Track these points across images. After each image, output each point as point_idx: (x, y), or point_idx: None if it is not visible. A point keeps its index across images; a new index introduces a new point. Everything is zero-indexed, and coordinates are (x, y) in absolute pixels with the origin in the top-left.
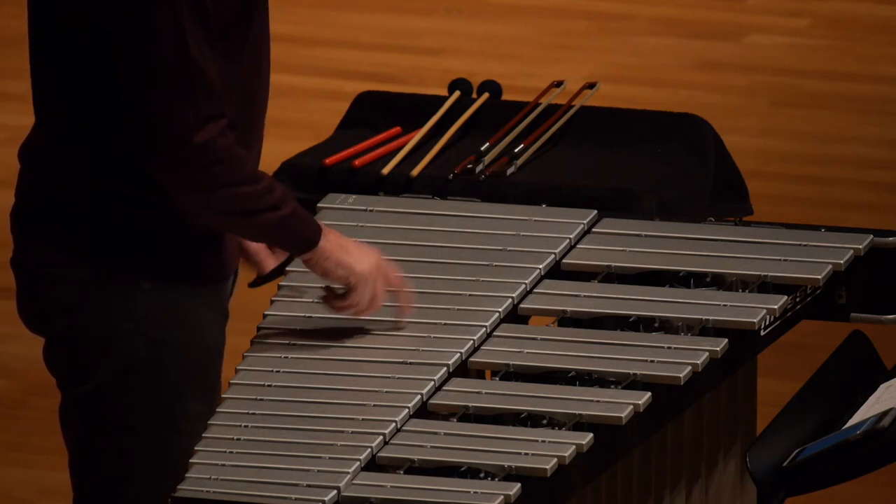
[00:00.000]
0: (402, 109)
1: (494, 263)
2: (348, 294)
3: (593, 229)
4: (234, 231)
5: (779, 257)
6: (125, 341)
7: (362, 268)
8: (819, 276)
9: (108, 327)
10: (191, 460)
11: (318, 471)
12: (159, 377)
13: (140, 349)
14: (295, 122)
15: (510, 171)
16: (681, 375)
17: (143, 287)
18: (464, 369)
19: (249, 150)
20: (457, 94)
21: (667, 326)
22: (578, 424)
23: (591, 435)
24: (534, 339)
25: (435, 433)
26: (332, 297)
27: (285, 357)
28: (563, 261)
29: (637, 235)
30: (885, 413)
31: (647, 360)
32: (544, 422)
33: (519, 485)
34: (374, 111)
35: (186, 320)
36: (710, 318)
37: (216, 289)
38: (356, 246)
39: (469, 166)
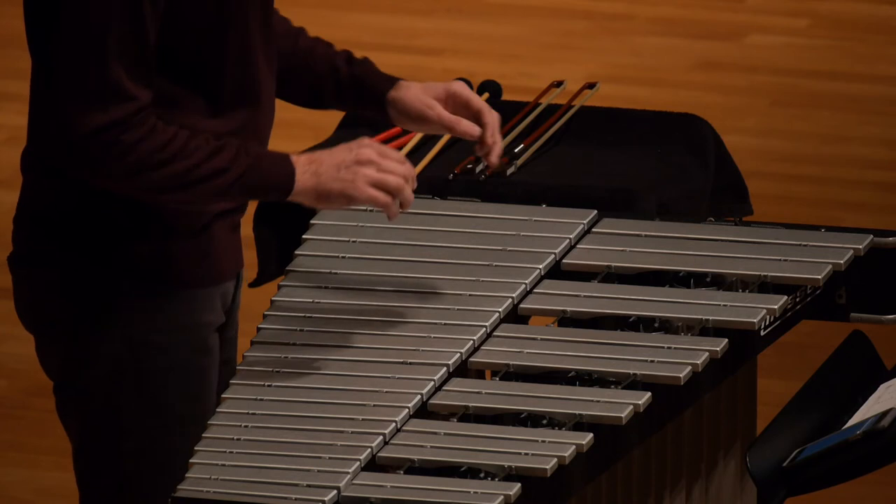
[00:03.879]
0: None
1: (494, 263)
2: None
3: (593, 229)
4: (185, 204)
5: (779, 257)
6: (110, 343)
7: (355, 179)
8: (819, 276)
9: (94, 329)
10: (191, 460)
11: (318, 471)
12: (145, 379)
13: (124, 351)
14: (295, 122)
15: (510, 171)
16: (681, 375)
17: (129, 289)
18: (464, 369)
19: None
20: None
21: (667, 326)
22: (578, 424)
23: (591, 435)
24: (534, 339)
25: (435, 433)
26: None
27: (285, 357)
28: (563, 261)
29: (637, 235)
30: (885, 413)
31: (647, 360)
32: (544, 422)
33: (519, 485)
34: None
35: (173, 323)
36: (710, 318)
37: (207, 292)
38: (335, 166)
39: (469, 166)
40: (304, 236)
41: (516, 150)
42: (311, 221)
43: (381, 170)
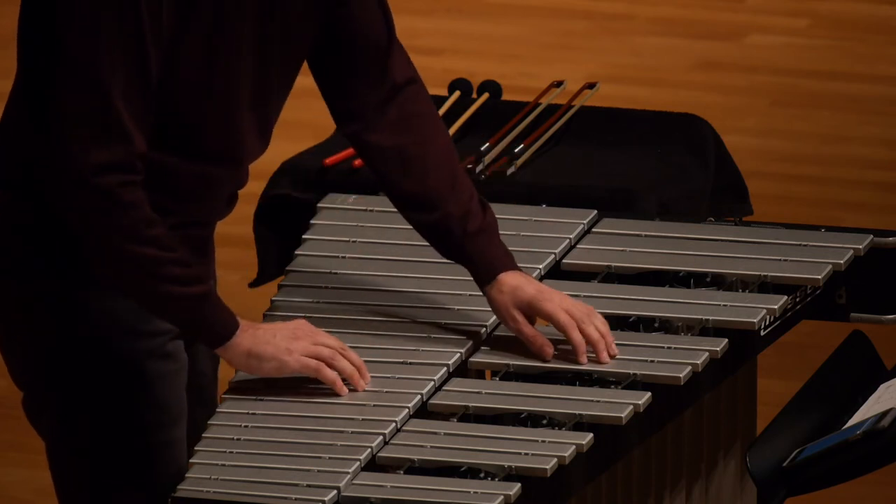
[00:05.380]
0: None
1: None
2: (318, 375)
3: (593, 229)
4: (133, 293)
5: (779, 257)
6: (66, 351)
7: (290, 346)
8: (819, 276)
9: (49, 337)
10: (191, 460)
11: (318, 471)
12: (103, 386)
13: (81, 359)
14: (295, 122)
15: (510, 171)
16: (681, 375)
17: (83, 296)
18: (464, 369)
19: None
20: (457, 94)
21: (667, 326)
22: (578, 424)
23: (591, 435)
24: None
25: (435, 433)
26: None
27: None
28: (563, 261)
29: (637, 235)
30: (885, 413)
31: (647, 360)
32: (544, 422)
33: (519, 485)
34: None
35: (128, 330)
36: (710, 318)
37: None
38: (271, 332)
39: (469, 166)
40: (304, 236)
41: (516, 150)
42: (311, 221)
43: (315, 342)
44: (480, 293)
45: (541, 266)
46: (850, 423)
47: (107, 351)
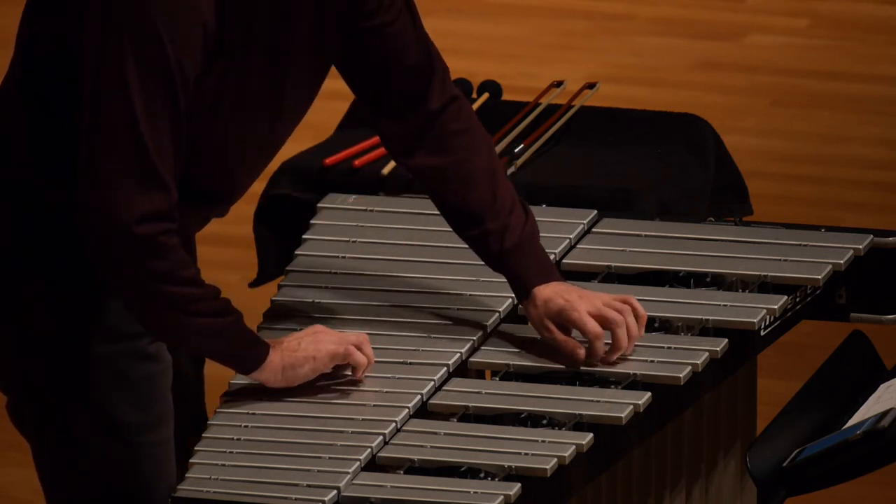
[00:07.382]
0: None
1: None
2: (351, 363)
3: (593, 229)
4: (168, 331)
5: (779, 257)
6: (50, 353)
7: (317, 347)
8: (819, 276)
9: (33, 339)
10: (191, 460)
11: (318, 471)
12: (89, 389)
13: (65, 361)
14: None
15: (510, 171)
16: (681, 375)
17: (66, 298)
18: (464, 369)
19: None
20: None
21: (667, 326)
22: (578, 424)
23: (591, 435)
24: (534, 338)
25: (435, 433)
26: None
27: None
28: (563, 261)
29: (637, 235)
30: (885, 413)
31: (647, 360)
32: (544, 422)
33: (519, 485)
34: None
35: (111, 332)
36: (710, 318)
37: None
38: (295, 340)
39: None
40: (304, 236)
41: (516, 150)
42: (311, 221)
43: (338, 336)
44: (480, 293)
45: None
46: (850, 423)
47: (91, 353)
